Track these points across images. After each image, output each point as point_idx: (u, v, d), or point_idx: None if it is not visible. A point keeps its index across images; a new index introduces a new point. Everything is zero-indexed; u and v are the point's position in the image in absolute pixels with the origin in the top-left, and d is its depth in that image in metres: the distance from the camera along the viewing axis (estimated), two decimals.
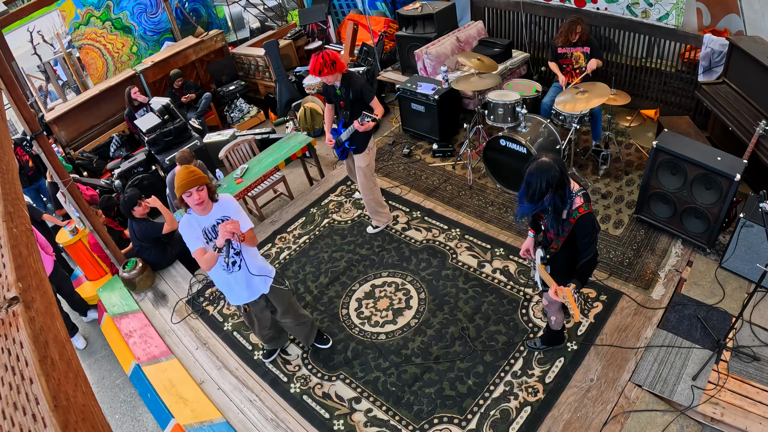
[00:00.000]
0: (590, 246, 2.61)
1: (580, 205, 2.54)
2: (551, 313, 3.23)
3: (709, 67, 4.81)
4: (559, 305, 3.14)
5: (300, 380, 3.69)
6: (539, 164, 2.46)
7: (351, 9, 8.55)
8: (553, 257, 2.79)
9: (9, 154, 1.68)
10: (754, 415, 2.93)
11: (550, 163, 2.44)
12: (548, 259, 2.82)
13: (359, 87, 4.00)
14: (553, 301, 3.05)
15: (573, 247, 2.68)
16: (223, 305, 4.40)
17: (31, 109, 3.84)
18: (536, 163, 2.48)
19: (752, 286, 3.40)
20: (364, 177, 4.42)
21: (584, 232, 2.57)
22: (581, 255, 2.65)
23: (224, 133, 6.52)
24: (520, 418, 3.18)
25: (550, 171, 2.43)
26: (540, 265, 2.85)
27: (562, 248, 2.71)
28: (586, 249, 2.61)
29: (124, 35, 8.08)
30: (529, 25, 6.18)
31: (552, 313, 3.22)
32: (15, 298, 0.97)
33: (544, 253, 2.81)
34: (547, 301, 3.14)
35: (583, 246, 2.61)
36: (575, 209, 2.54)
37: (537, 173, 2.45)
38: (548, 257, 2.81)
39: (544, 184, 2.43)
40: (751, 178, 4.28)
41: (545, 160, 2.46)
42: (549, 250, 2.77)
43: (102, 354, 4.72)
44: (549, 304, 3.16)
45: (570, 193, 2.53)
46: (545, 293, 3.05)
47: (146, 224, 4.58)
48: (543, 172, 2.43)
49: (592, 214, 2.58)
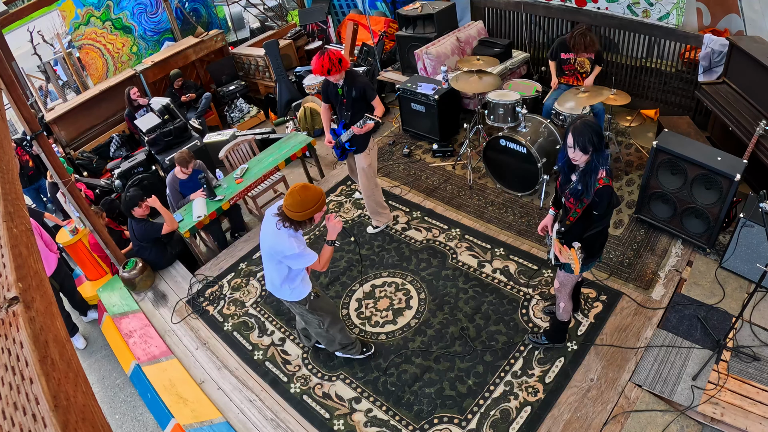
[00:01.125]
0: (603, 218, 2.71)
1: (603, 176, 2.62)
2: (561, 298, 3.20)
3: (709, 67, 4.81)
4: (570, 289, 3.15)
5: (300, 380, 3.69)
6: (586, 121, 2.60)
7: (351, 9, 8.55)
8: (567, 230, 2.85)
9: (9, 154, 1.68)
10: (754, 415, 2.93)
11: (590, 122, 2.60)
12: (563, 233, 2.87)
13: (362, 85, 3.98)
14: (564, 283, 3.08)
15: (587, 222, 2.76)
16: (223, 305, 4.41)
17: (31, 109, 3.83)
18: (581, 121, 2.62)
19: (752, 286, 3.40)
20: (365, 178, 4.41)
21: (602, 202, 2.65)
22: (593, 225, 2.73)
23: (224, 133, 6.52)
24: (520, 418, 3.18)
25: (595, 126, 2.58)
26: (555, 239, 2.89)
27: (578, 221, 2.77)
28: (599, 220, 2.71)
29: (124, 35, 8.08)
30: (530, 25, 6.17)
31: (562, 299, 3.19)
32: (15, 298, 0.97)
33: (559, 226, 2.88)
34: (559, 283, 3.14)
35: (597, 217, 2.70)
36: (598, 179, 2.62)
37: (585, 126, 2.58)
38: (563, 230, 2.86)
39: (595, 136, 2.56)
40: (751, 178, 4.28)
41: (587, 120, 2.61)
42: (565, 222, 2.83)
43: (102, 354, 4.72)
44: (560, 287, 3.15)
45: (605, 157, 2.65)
46: (558, 272, 3.08)
47: (146, 224, 4.58)
48: (590, 126, 2.58)
49: (612, 187, 2.66)
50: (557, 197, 3.04)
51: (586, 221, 2.75)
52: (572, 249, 2.68)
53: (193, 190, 4.99)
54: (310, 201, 2.74)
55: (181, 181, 5.00)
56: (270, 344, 3.99)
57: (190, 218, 4.70)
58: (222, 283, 4.62)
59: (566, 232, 2.84)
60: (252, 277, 4.64)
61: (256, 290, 4.50)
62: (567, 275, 3.03)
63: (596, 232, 2.80)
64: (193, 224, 4.64)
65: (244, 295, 4.46)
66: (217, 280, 4.66)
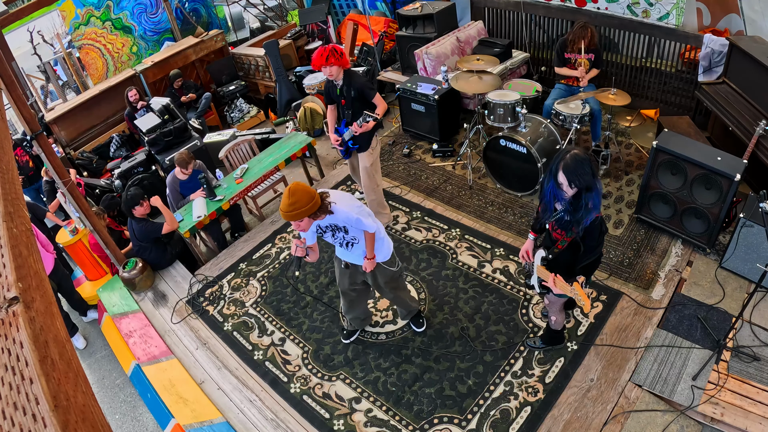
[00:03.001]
0: (597, 248, 2.62)
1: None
2: (552, 313, 3.22)
3: (709, 67, 4.81)
4: (560, 305, 3.13)
5: (300, 380, 3.69)
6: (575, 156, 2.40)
7: (351, 9, 8.55)
8: (555, 258, 2.78)
9: (9, 154, 1.68)
10: (754, 415, 2.93)
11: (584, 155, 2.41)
12: (549, 260, 2.81)
13: (360, 85, 4.01)
14: (554, 300, 3.05)
15: (576, 249, 2.68)
16: (223, 305, 4.41)
17: (31, 109, 3.83)
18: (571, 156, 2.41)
19: (752, 286, 3.40)
20: (367, 177, 4.42)
21: (593, 234, 2.57)
22: (587, 255, 2.64)
23: (224, 133, 6.52)
24: (520, 418, 3.18)
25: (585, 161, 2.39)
26: (539, 266, 2.83)
27: (566, 249, 2.70)
28: (593, 250, 2.62)
29: (124, 35, 8.08)
30: (530, 25, 6.17)
31: (553, 314, 3.22)
32: (15, 298, 0.97)
33: (546, 254, 2.79)
34: (548, 300, 3.13)
35: (590, 248, 2.61)
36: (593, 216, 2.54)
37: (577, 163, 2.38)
38: (550, 257, 2.79)
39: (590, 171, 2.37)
40: (751, 178, 4.28)
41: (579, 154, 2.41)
42: (552, 250, 2.76)
43: (102, 354, 4.72)
44: (550, 304, 3.15)
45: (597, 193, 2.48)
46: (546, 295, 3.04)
47: (146, 224, 4.58)
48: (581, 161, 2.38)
49: (602, 217, 2.59)
50: (538, 223, 2.93)
51: (575, 249, 2.67)
52: (576, 284, 2.55)
53: (194, 190, 4.99)
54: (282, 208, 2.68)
55: (181, 181, 5.00)
56: (270, 344, 3.99)
57: (190, 218, 4.70)
58: (222, 283, 4.62)
59: (554, 260, 2.77)
60: (252, 277, 4.64)
61: (256, 290, 4.50)
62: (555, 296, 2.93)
63: (592, 260, 2.66)
64: (193, 224, 4.64)
65: (244, 295, 4.46)
66: (217, 280, 4.66)
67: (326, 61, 3.82)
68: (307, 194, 2.62)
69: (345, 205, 2.87)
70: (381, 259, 3.21)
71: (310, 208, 2.63)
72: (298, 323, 4.10)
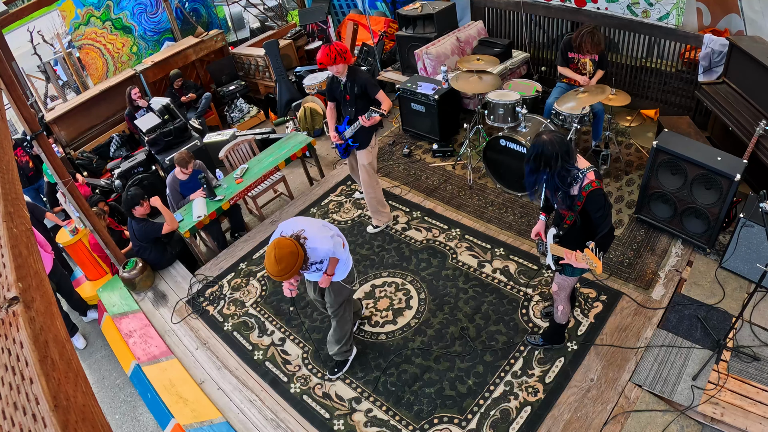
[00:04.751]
0: (605, 220, 2.66)
1: (592, 180, 2.59)
2: (559, 301, 3.18)
3: (709, 67, 4.81)
4: (568, 292, 3.13)
5: (300, 380, 3.69)
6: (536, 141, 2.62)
7: (351, 9, 8.55)
8: (566, 233, 2.82)
9: (9, 154, 1.68)
10: (754, 415, 2.93)
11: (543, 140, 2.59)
12: (561, 236, 2.85)
13: (363, 81, 4.05)
14: (564, 286, 3.06)
15: (585, 223, 2.73)
16: (223, 305, 4.40)
17: (31, 109, 3.83)
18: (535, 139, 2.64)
19: (752, 286, 3.40)
20: (367, 175, 4.43)
21: (596, 206, 2.61)
22: (597, 229, 2.69)
23: (224, 133, 6.52)
24: (520, 418, 3.18)
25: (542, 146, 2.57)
26: (552, 244, 2.87)
27: (574, 224, 2.75)
28: (601, 223, 2.67)
29: (124, 35, 8.08)
30: (530, 25, 6.17)
31: (560, 302, 3.18)
32: (15, 298, 0.97)
33: (557, 231, 2.86)
34: (557, 286, 3.12)
35: (598, 220, 2.66)
36: (587, 183, 2.59)
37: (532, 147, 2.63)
38: (561, 233, 2.84)
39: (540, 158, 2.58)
40: (751, 178, 4.28)
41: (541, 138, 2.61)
42: (562, 226, 2.81)
43: (102, 354, 4.72)
44: (558, 290, 3.13)
45: (575, 169, 2.61)
46: (557, 275, 3.06)
47: (146, 224, 4.58)
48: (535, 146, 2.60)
49: (602, 189, 2.63)
50: (547, 204, 3.06)
51: (585, 224, 2.73)
52: (587, 250, 2.60)
53: (193, 190, 4.99)
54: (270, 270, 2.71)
55: (181, 181, 5.00)
56: (270, 344, 3.99)
57: (190, 218, 4.70)
58: (222, 283, 4.62)
59: (564, 235, 2.83)
60: (252, 277, 4.64)
61: (256, 290, 4.50)
62: (565, 278, 3.02)
63: (605, 233, 2.70)
64: (193, 224, 4.64)
65: (244, 295, 4.46)
66: (217, 280, 4.66)
67: (334, 62, 3.88)
68: (292, 255, 2.68)
69: (319, 240, 2.92)
70: (338, 278, 3.25)
71: (298, 266, 2.71)
72: (298, 323, 4.10)
